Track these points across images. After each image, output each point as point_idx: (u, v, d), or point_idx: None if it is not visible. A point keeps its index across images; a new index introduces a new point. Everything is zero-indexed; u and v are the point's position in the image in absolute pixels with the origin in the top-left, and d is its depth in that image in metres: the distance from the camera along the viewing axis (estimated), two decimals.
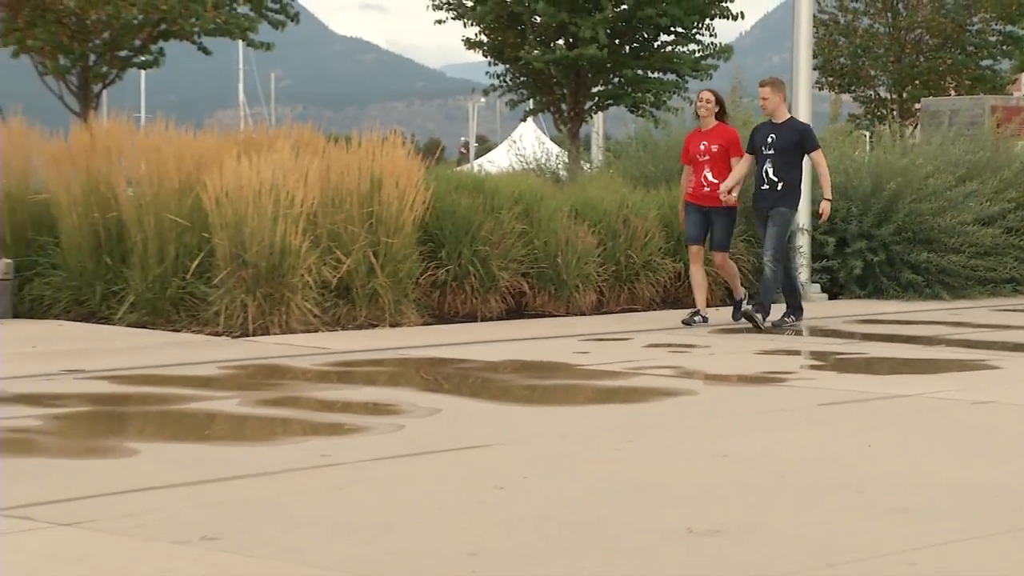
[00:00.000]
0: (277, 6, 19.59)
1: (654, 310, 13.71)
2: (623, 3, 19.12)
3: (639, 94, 19.57)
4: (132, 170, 12.78)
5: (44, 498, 5.64)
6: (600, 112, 21.46)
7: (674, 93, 19.67)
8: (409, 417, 7.92)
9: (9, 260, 12.68)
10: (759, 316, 12.01)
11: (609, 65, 19.30)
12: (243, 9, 19.33)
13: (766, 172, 12.06)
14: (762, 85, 12.40)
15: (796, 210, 12.65)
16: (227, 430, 7.79)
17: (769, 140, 12.06)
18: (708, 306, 12.71)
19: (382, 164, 12.62)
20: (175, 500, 5.73)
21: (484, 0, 19.50)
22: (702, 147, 12.37)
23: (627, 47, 19.82)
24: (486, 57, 20.86)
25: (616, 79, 19.67)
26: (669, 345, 11.18)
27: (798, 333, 12.18)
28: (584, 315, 13.25)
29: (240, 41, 20.11)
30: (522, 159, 18.05)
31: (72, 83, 18.86)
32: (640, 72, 19.87)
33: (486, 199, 13.17)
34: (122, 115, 14.50)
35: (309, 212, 11.98)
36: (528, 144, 23.36)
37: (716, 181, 12.20)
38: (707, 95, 12.62)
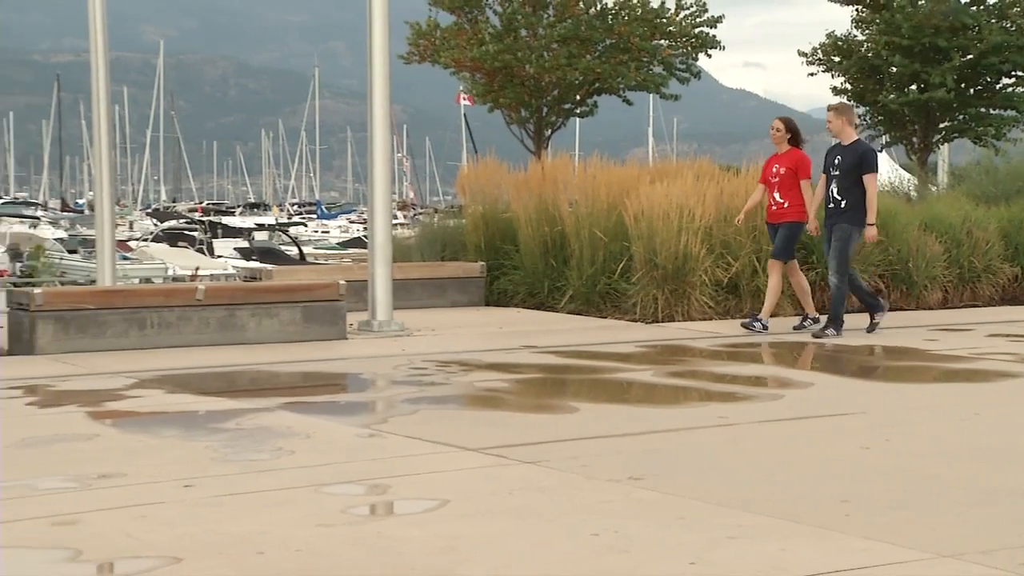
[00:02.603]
0: (684, 66, 19.65)
1: (993, 306, 12.84)
2: (969, 53, 18.08)
3: (981, 128, 18.48)
4: (572, 194, 13.02)
5: (511, 441, 5.79)
6: (946, 143, 20.37)
7: (1013, 126, 18.46)
8: (787, 389, 7.71)
9: (483, 263, 13.18)
10: (831, 330, 10.23)
11: (955, 105, 18.32)
12: (658, 69, 19.51)
13: (832, 192, 10.30)
14: (829, 109, 10.71)
15: (860, 227, 10.34)
16: (643, 394, 7.81)
17: (836, 161, 10.39)
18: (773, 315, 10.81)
19: None
20: (608, 447, 5.79)
21: (849, 55, 18.91)
22: (774, 169, 10.79)
23: (971, 89, 18.73)
24: (849, 101, 20.16)
25: (961, 116, 18.62)
26: (1008, 335, 10.43)
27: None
28: (931, 310, 12.56)
29: (653, 94, 20.28)
30: (879, 183, 17.28)
31: (529, 130, 19.52)
32: (983, 110, 18.75)
33: None
34: (563, 153, 14.83)
35: (706, 226, 11.87)
36: (883, 171, 22.36)
37: (782, 201, 10.57)
38: (776, 123, 10.95)
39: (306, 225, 51.61)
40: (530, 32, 19.30)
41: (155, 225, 44.16)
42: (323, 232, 48.71)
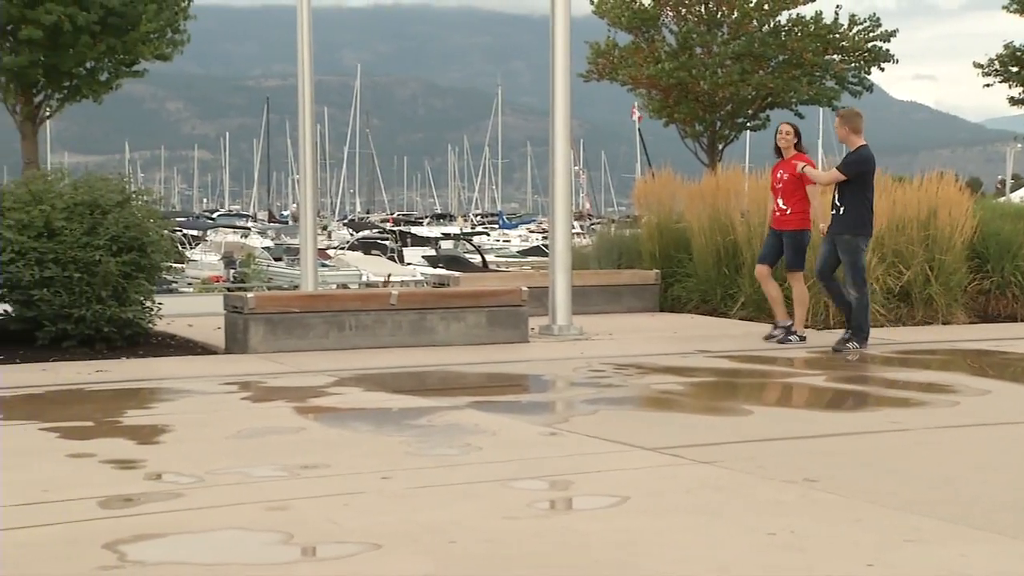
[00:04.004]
0: (856, 80, 19.19)
1: None
2: None
3: None
4: (744, 205, 12.80)
5: (687, 442, 5.72)
6: None
7: None
8: (962, 396, 7.37)
9: (657, 270, 13.08)
10: (854, 343, 9.46)
11: None
12: (830, 83, 19.10)
13: (834, 198, 9.58)
14: (836, 116, 9.91)
15: (863, 235, 9.55)
16: (815, 399, 7.60)
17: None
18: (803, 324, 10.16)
19: (937, 197, 11.93)
20: (782, 449, 5.65)
21: None
22: (778, 175, 10.06)
23: None
24: None
25: None
26: None
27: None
28: None
29: (824, 107, 19.85)
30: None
31: (703, 143, 19.39)
32: None
33: None
34: (735, 165, 14.59)
35: (877, 235, 11.50)
36: None
37: (785, 207, 9.91)
38: (786, 127, 10.10)
39: (488, 234, 52.29)
40: (705, 50, 19.15)
41: (351, 235, 45.48)
42: (504, 241, 49.27)
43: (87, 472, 5.04)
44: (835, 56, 19.00)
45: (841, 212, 9.52)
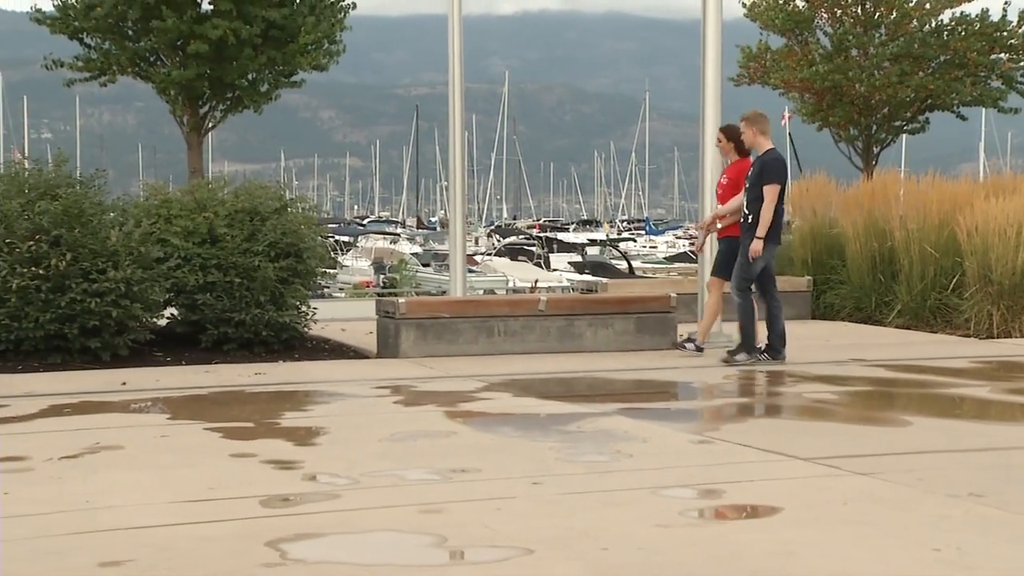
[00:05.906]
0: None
1: None
2: None
3: None
4: (901, 210, 12.47)
5: (843, 452, 5.58)
6: None
7: None
8: None
9: (809, 277, 12.82)
10: (742, 354, 8.89)
11: None
12: (996, 83, 18.41)
13: (744, 205, 8.91)
14: (740, 120, 9.12)
15: (771, 243, 8.83)
16: (979, 410, 7.31)
17: (750, 173, 8.94)
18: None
19: None
20: (945, 462, 5.46)
21: None
22: (721, 180, 9.50)
23: None
24: None
25: None
26: None
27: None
28: None
29: (989, 108, 19.13)
30: None
31: (858, 147, 18.88)
32: None
33: None
34: (892, 169, 14.22)
35: None
36: None
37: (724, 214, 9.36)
38: (718, 133, 9.56)
39: (635, 240, 52.06)
40: (861, 51, 18.68)
41: (498, 241, 45.92)
42: (651, 247, 48.99)
43: (248, 472, 5.22)
44: (1002, 55, 18.26)
45: (750, 220, 8.84)
